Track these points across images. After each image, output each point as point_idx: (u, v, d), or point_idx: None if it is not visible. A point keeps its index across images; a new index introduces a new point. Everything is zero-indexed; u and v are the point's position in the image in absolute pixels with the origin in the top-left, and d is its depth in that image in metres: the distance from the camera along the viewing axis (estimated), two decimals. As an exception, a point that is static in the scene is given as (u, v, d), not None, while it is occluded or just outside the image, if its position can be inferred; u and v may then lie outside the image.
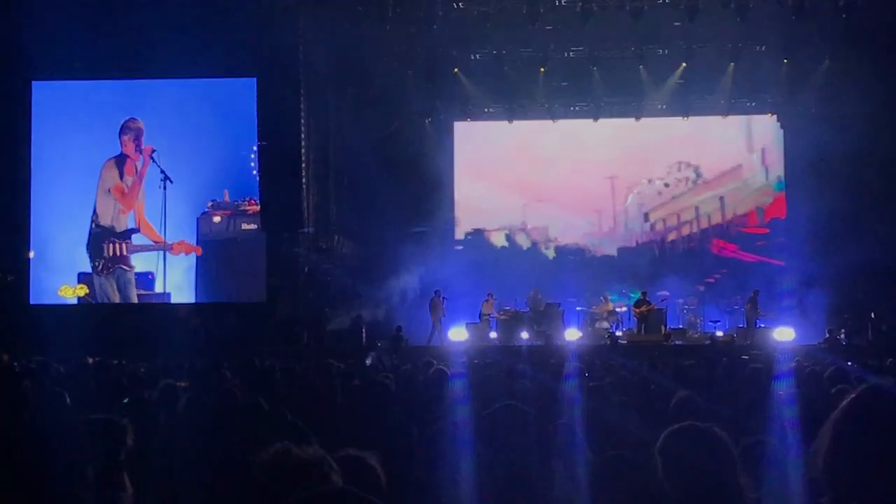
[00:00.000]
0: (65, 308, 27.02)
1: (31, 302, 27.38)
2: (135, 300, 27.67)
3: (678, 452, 4.23)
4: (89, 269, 27.62)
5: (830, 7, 26.42)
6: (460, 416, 6.49)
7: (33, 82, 27.89)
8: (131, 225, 27.75)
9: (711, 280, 30.52)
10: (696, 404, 6.85)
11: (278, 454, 3.34)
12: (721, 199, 32.09)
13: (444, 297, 28.23)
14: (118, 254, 27.59)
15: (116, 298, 27.61)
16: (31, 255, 27.59)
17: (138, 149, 27.59)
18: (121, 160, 27.76)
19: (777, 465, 4.90)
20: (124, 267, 27.59)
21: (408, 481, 5.15)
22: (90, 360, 15.88)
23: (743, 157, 32.12)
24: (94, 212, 27.68)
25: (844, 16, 26.36)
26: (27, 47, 26.42)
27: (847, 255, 26.60)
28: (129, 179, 27.73)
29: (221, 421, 6.35)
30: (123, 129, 27.76)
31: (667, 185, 32.20)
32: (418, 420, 6.96)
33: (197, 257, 27.53)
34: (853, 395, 2.65)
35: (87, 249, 27.66)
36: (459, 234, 32.61)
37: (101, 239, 27.67)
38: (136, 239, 27.72)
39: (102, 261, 27.56)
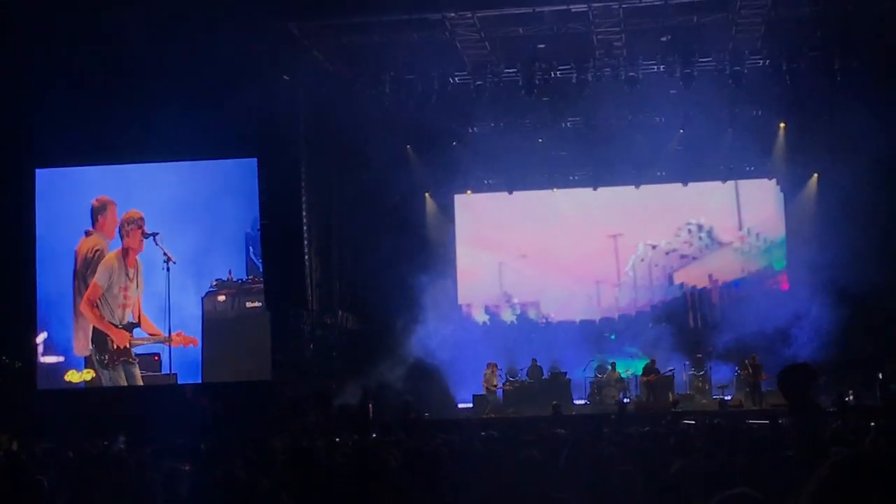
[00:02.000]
0: (72, 393, 27.01)
1: (39, 387, 27.40)
2: (140, 383, 27.65)
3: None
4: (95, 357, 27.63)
5: (826, 69, 26.59)
6: (462, 492, 6.52)
7: (37, 170, 28.12)
8: (131, 318, 27.77)
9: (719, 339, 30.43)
10: (693, 473, 6.86)
11: None
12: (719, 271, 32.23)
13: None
14: (122, 347, 27.57)
15: (122, 383, 27.60)
16: (43, 336, 27.66)
17: (144, 235, 27.67)
18: (124, 253, 27.82)
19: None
20: (129, 360, 27.57)
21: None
22: (104, 443, 15.95)
23: (746, 220, 32.20)
24: (97, 306, 27.68)
25: (839, 78, 26.55)
26: (30, 136, 26.71)
27: (851, 313, 26.65)
28: (131, 272, 27.78)
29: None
30: (124, 223, 27.84)
31: (674, 249, 32.30)
32: (419, 497, 6.98)
33: (202, 337, 27.56)
34: (828, 465, 2.67)
35: (92, 344, 27.64)
36: (463, 306, 32.63)
37: (104, 333, 27.67)
38: (137, 333, 27.76)
39: (108, 355, 27.53)
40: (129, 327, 27.64)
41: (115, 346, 27.49)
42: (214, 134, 26.08)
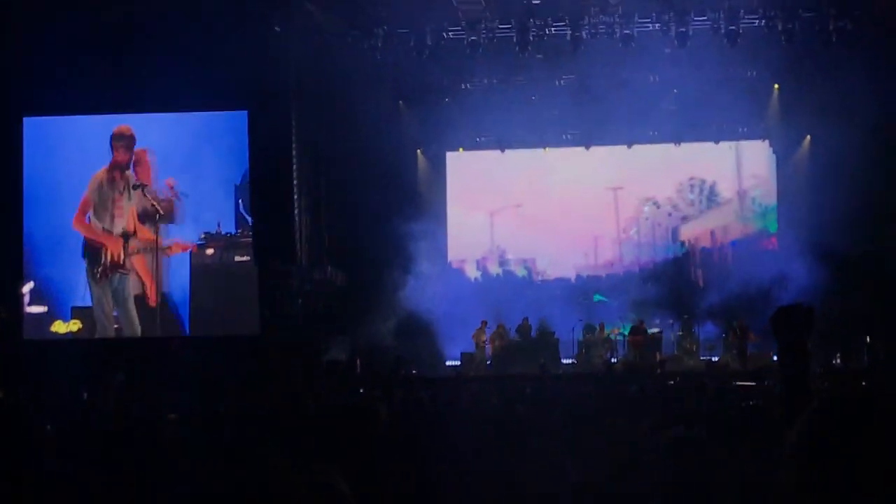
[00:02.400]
0: (58, 343, 26.89)
1: (24, 337, 27.29)
2: (133, 313, 27.43)
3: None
4: (82, 304, 27.42)
5: (821, 31, 26.48)
6: (449, 441, 6.45)
7: (25, 118, 27.90)
8: (122, 228, 27.53)
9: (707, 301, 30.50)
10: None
11: None
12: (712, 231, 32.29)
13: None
14: (115, 259, 27.38)
15: (110, 310, 27.35)
16: (29, 286, 27.51)
17: (130, 155, 27.48)
18: (112, 168, 27.61)
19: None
20: (122, 271, 27.37)
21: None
22: (84, 396, 15.91)
23: (738, 182, 32.23)
24: (89, 219, 27.48)
25: (835, 39, 26.45)
26: (18, 84, 26.44)
27: (840, 276, 26.69)
28: (121, 184, 27.57)
29: (207, 448, 6.33)
30: (115, 137, 27.63)
31: (673, 205, 32.33)
32: (404, 446, 6.93)
33: (189, 290, 27.44)
34: (819, 402, 2.63)
35: (84, 257, 27.45)
36: (453, 263, 32.63)
37: (98, 243, 27.47)
38: (133, 242, 27.54)
39: (101, 267, 27.32)
40: (124, 237, 27.44)
41: (110, 257, 27.26)
42: (205, 85, 25.82)
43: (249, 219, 27.59)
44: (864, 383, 15.56)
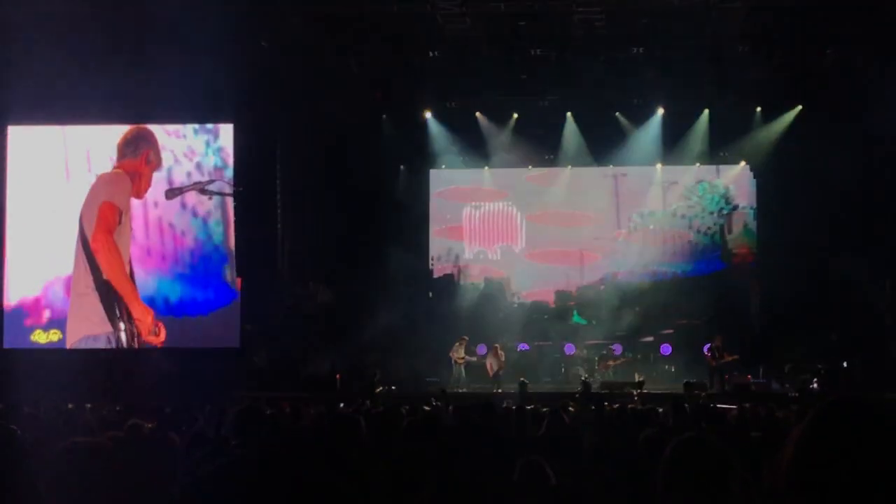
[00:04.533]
0: (38, 353, 26.83)
1: (6, 346, 27.25)
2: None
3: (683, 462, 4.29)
4: (62, 315, 27.39)
5: (801, 59, 26.65)
6: (429, 452, 6.52)
7: (9, 127, 27.89)
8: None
9: (684, 321, 30.60)
10: (661, 442, 6.89)
11: None
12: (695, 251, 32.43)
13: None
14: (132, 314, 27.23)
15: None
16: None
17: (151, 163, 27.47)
18: (133, 179, 27.63)
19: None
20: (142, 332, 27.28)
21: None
22: (69, 406, 15.89)
23: (719, 203, 32.43)
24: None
25: (819, 67, 26.65)
26: (2, 93, 26.42)
27: (820, 302, 26.83)
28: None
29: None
30: (135, 141, 27.62)
31: (660, 227, 32.47)
32: (384, 456, 6.99)
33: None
34: (819, 407, 2.65)
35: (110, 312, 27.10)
36: (436, 278, 32.68)
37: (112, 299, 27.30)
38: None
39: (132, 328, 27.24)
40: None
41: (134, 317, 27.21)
42: (191, 98, 25.82)
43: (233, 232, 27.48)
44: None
